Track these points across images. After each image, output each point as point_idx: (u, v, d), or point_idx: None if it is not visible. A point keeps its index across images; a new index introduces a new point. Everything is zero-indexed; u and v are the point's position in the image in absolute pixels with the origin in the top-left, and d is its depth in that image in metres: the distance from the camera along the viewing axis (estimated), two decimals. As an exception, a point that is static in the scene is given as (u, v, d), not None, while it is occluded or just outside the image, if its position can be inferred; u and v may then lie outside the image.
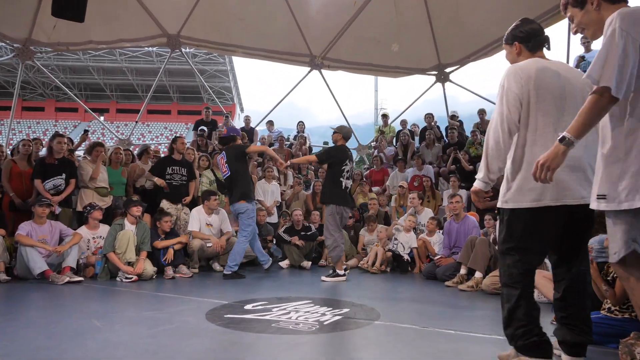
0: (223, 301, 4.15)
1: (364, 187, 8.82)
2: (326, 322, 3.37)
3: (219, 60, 42.07)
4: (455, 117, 10.86)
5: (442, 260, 5.90)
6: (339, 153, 5.89)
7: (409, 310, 3.99)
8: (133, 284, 5.27)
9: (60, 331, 3.11)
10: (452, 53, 11.04)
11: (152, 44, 11.45)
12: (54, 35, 9.97)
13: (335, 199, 5.71)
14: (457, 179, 7.95)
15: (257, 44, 11.27)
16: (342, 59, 11.57)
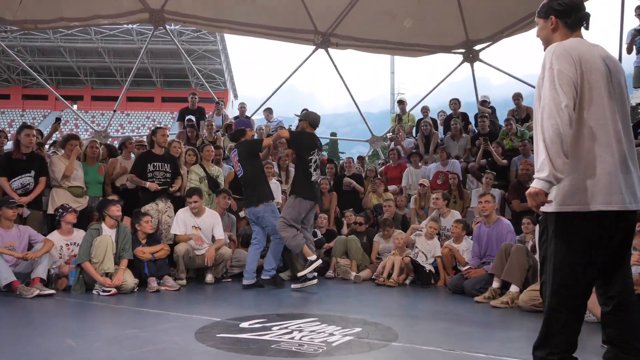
0: (215, 318, 4.16)
1: (378, 185, 8.76)
2: (335, 343, 3.36)
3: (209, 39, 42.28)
4: (486, 103, 10.79)
5: (471, 271, 5.87)
6: (307, 139, 6.15)
7: (431, 330, 3.97)
8: (112, 298, 5.28)
9: (30, 352, 3.14)
10: (482, 28, 10.95)
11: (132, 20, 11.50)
12: (21, 12, 10.05)
13: (301, 191, 5.94)
14: (492, 175, 7.88)
15: (253, 20, 11.27)
16: (353, 36, 11.55)
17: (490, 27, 10.90)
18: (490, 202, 6.04)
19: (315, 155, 6.02)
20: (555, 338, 2.23)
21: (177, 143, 7.60)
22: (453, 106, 10.48)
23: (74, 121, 45.27)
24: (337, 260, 7.29)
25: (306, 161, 5.96)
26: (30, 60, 42.83)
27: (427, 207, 7.95)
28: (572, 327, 2.23)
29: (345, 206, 8.47)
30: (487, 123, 9.51)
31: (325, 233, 7.69)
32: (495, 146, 8.58)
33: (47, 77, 46.47)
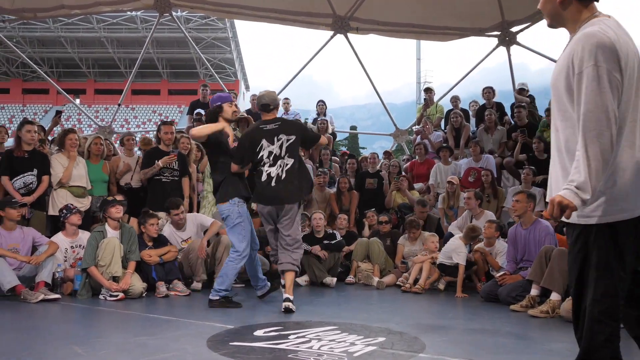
0: (228, 325, 4.21)
1: (402, 183, 8.67)
2: (356, 353, 3.37)
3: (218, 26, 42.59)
4: (524, 91, 10.66)
5: (506, 277, 5.83)
6: (248, 131, 5.59)
7: (462, 341, 3.96)
8: (119, 303, 5.39)
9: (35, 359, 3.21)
10: (519, 7, 10.71)
11: (136, 7, 11.64)
12: (19, 1, 10.26)
13: (255, 196, 5.37)
14: (532, 172, 7.82)
15: (265, 4, 11.29)
16: (375, 19, 11.48)
17: (529, 6, 10.64)
18: (521, 201, 5.91)
19: (267, 148, 5.15)
20: (599, 352, 2.21)
21: (186, 139, 7.69)
22: (487, 95, 10.37)
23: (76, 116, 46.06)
24: (358, 264, 7.30)
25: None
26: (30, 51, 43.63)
27: (457, 206, 7.91)
28: (616, 339, 2.20)
29: (366, 206, 8.47)
30: (524, 113, 9.40)
31: (345, 235, 7.70)
32: (536, 141, 8.47)
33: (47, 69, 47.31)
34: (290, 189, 5.09)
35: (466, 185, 8.16)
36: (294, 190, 5.12)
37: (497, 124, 9.64)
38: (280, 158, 5.11)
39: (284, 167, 5.09)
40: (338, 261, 7.32)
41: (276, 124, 5.22)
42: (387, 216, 7.86)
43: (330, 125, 11.17)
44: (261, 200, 5.22)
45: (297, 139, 5.18)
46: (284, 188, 5.07)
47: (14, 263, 5.61)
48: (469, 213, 7.25)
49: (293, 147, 5.16)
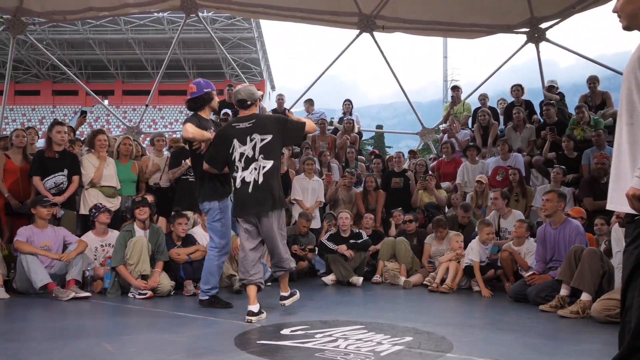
0: (255, 324, 4.26)
1: (429, 182, 8.59)
2: (383, 352, 3.38)
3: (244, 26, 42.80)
4: (553, 89, 10.50)
5: (535, 277, 5.76)
6: (221, 129, 5.06)
7: (491, 341, 3.93)
8: (148, 301, 5.50)
9: (67, 355, 3.31)
10: (549, 3, 10.57)
11: (163, 8, 11.80)
12: (48, 3, 10.50)
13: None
14: (562, 171, 7.71)
15: (291, 3, 11.32)
16: (401, 17, 11.42)
17: (559, 2, 10.49)
18: (552, 201, 5.82)
19: (238, 149, 4.65)
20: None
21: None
22: (515, 93, 10.23)
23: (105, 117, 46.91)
24: (384, 263, 7.29)
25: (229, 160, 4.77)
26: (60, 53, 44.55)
27: (485, 205, 7.84)
28: None
29: (393, 205, 8.44)
30: (554, 111, 9.25)
31: (371, 234, 7.69)
32: (565, 139, 8.33)
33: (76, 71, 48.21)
34: (271, 193, 4.56)
35: (494, 184, 8.06)
36: (275, 195, 4.57)
37: (526, 122, 9.49)
38: (254, 160, 4.58)
39: (260, 170, 4.57)
40: (364, 260, 7.32)
41: (250, 122, 4.66)
42: (413, 215, 7.83)
43: (357, 124, 11.16)
44: (239, 211, 4.68)
45: (274, 138, 4.63)
46: (262, 193, 4.54)
47: (45, 261, 5.76)
48: (497, 213, 7.18)
49: (269, 148, 4.61)
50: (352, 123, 10.77)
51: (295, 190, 8.27)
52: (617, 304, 4.52)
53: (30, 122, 43.44)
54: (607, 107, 9.43)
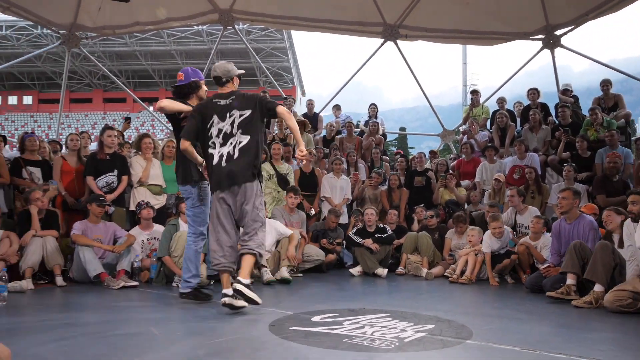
0: (288, 312, 4.29)
1: (449, 180, 8.58)
2: (407, 339, 3.37)
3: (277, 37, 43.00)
4: (568, 92, 10.31)
5: (550, 269, 5.67)
6: (200, 104, 4.63)
7: (508, 329, 3.88)
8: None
9: (119, 339, 3.39)
10: (564, 10, 10.37)
11: (203, 21, 11.92)
12: (99, 19, 10.74)
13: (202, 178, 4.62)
14: (573, 168, 7.58)
15: (320, 15, 11.34)
16: (423, 27, 11.34)
17: (573, 9, 10.26)
18: (567, 198, 5.74)
19: (217, 125, 4.32)
20: None
21: None
22: (531, 96, 10.07)
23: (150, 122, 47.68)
24: (407, 256, 7.28)
25: (206, 136, 4.37)
26: (109, 65, 45.47)
27: (503, 202, 7.74)
28: None
29: (415, 202, 8.41)
30: (568, 113, 9.09)
31: (395, 229, 7.69)
32: (579, 140, 8.20)
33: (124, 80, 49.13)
34: (243, 166, 4.21)
35: (511, 182, 7.97)
36: (248, 166, 4.23)
37: (542, 124, 9.35)
38: (232, 136, 4.27)
39: (236, 144, 4.25)
40: (389, 253, 7.31)
41: (230, 99, 4.36)
42: (434, 212, 7.82)
43: (381, 126, 11.15)
44: (214, 184, 4.33)
45: (253, 113, 4.29)
46: (236, 166, 4.20)
47: (98, 252, 5.93)
48: (514, 209, 7.10)
49: (248, 123, 4.29)
50: (377, 125, 10.76)
51: (324, 188, 8.30)
52: (628, 294, 4.45)
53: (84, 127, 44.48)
54: (619, 109, 9.24)
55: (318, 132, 10.97)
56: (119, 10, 10.13)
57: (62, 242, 6.27)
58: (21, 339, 3.34)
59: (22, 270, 5.73)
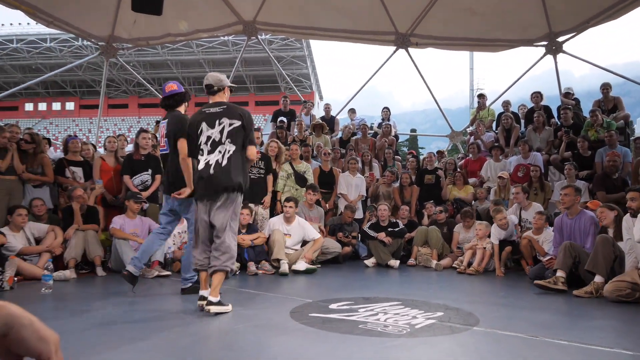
0: (307, 299, 4.32)
1: (457, 178, 8.55)
2: (418, 325, 3.37)
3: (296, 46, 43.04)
4: (569, 95, 10.14)
5: (552, 261, 5.59)
6: (192, 115, 4.32)
7: (513, 317, 3.85)
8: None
9: (154, 323, 3.46)
10: (566, 18, 10.20)
11: (229, 32, 11.96)
12: (134, 31, 10.87)
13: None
14: (574, 167, 7.48)
15: (336, 25, 11.32)
16: (432, 35, 11.26)
17: (574, 17, 10.10)
18: (569, 195, 5.67)
19: (206, 132, 4.00)
20: None
21: (275, 143, 7.87)
22: (535, 99, 9.94)
23: (180, 125, 48.07)
24: (418, 249, 7.25)
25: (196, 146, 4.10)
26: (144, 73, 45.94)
27: (507, 198, 7.68)
28: None
29: (425, 198, 8.37)
30: (570, 115, 8.96)
31: (406, 223, 7.66)
32: (580, 140, 8.09)
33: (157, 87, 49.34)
34: (231, 175, 3.90)
35: (516, 180, 7.89)
36: (236, 176, 3.92)
37: (545, 125, 9.23)
38: (220, 144, 3.95)
39: (224, 153, 3.94)
40: (401, 246, 7.29)
41: (220, 108, 4.07)
42: (443, 207, 7.78)
43: (393, 128, 11.09)
44: (199, 191, 4.01)
45: (241, 125, 3.99)
46: (223, 174, 3.89)
47: (134, 245, 6.02)
48: (518, 205, 7.02)
49: (236, 134, 3.98)
50: (390, 127, 10.71)
51: (340, 186, 8.31)
52: (627, 285, 4.38)
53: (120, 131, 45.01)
54: (618, 111, 9.08)
55: (335, 133, 10.97)
56: (152, 23, 10.24)
57: (102, 235, 6.39)
58: (66, 324, 3.42)
59: (66, 261, 5.87)
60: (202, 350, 2.79)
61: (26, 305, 0.78)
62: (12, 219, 5.76)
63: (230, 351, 2.77)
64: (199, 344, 2.92)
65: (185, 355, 2.71)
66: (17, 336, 0.78)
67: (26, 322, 0.80)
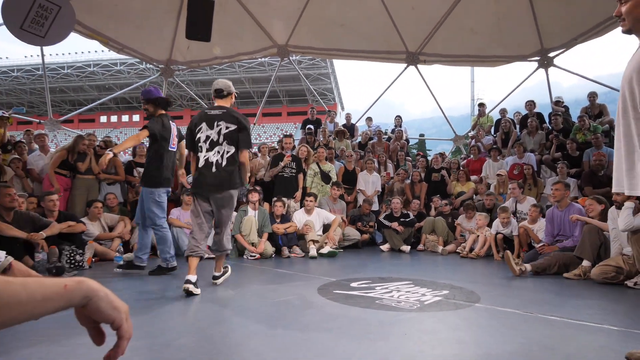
0: (332, 278, 4.31)
1: (460, 176, 8.44)
2: (427, 302, 3.33)
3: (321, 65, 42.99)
4: (559, 103, 9.83)
5: (545, 247, 5.44)
6: (195, 115, 4.18)
7: (510, 295, 3.76)
8: (256, 261, 5.70)
9: (204, 299, 3.49)
10: (556, 36, 9.91)
11: (265, 54, 12.03)
12: (188, 55, 11.05)
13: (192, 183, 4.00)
14: (565, 165, 7.27)
15: (356, 46, 11.27)
16: (438, 53, 11.09)
17: (564, 35, 9.82)
18: (559, 190, 5.51)
19: (205, 132, 3.84)
20: None
21: (305, 147, 7.90)
22: (529, 107, 9.68)
23: (225, 132, 48.60)
24: (426, 236, 7.16)
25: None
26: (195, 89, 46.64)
27: (505, 192, 7.51)
28: None
29: (433, 193, 8.27)
30: (560, 120, 8.72)
31: (416, 215, 7.59)
32: (569, 142, 7.86)
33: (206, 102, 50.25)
34: (229, 174, 3.77)
35: (512, 177, 7.72)
36: (233, 175, 3.80)
37: (538, 129, 8.99)
38: (218, 144, 3.78)
39: (223, 154, 3.77)
40: (411, 234, 7.21)
41: (220, 111, 3.86)
42: (448, 201, 7.69)
43: (405, 133, 11.01)
44: (200, 187, 3.82)
45: (237, 129, 3.79)
46: (223, 173, 3.75)
47: (188, 232, 6.07)
48: (514, 199, 6.85)
49: (232, 136, 3.78)
50: (402, 133, 10.63)
51: (359, 183, 8.28)
52: (612, 269, 4.23)
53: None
54: (603, 116, 8.77)
55: (355, 138, 10.94)
56: (202, 48, 10.39)
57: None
58: (133, 298, 3.49)
59: (133, 245, 6.00)
60: (245, 320, 2.82)
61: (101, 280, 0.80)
62: (90, 210, 5.92)
63: (269, 320, 2.78)
64: (242, 314, 2.95)
65: (232, 323, 2.74)
66: (95, 306, 0.80)
67: (102, 295, 0.81)
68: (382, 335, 2.47)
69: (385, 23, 10.43)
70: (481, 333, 2.59)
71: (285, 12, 10.51)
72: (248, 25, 10.55)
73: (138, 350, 2.16)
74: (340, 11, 10.35)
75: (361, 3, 10.08)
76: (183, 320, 2.88)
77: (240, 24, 10.47)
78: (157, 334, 2.46)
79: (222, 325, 2.74)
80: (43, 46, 7.60)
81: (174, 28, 10.20)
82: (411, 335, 2.49)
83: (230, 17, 10.01)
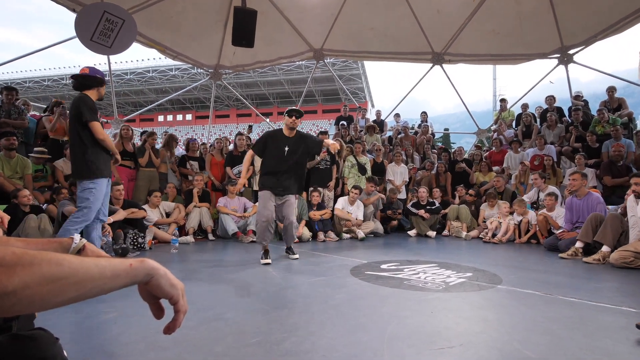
0: (363, 261, 4.30)
1: (482, 166, 8.18)
2: (451, 283, 3.27)
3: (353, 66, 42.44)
4: (579, 97, 9.30)
5: (564, 233, 5.21)
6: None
7: (530, 278, 3.61)
8: (295, 245, 5.71)
9: (248, 278, 3.57)
10: (576, 34, 9.32)
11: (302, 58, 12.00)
12: (234, 60, 11.20)
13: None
14: (583, 156, 6.90)
15: (385, 48, 11.05)
16: (462, 53, 10.70)
17: (584, 33, 9.22)
18: (577, 180, 5.24)
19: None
20: None
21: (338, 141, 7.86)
22: (549, 101, 9.22)
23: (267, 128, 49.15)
24: (451, 222, 7.00)
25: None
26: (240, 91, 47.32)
27: (526, 183, 7.22)
28: None
29: (457, 183, 8.07)
30: (580, 114, 8.25)
31: (441, 202, 7.43)
32: (589, 134, 7.43)
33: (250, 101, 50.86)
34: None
35: (532, 168, 7.40)
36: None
37: (557, 122, 8.56)
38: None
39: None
40: (437, 220, 7.07)
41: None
42: (472, 190, 7.46)
43: (430, 128, 10.75)
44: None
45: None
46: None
47: (234, 218, 6.25)
48: (537, 189, 6.58)
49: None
50: (427, 127, 10.38)
51: (388, 174, 8.18)
52: (631, 254, 4.01)
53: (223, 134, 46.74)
54: (622, 109, 8.22)
55: (384, 133, 10.79)
56: (246, 54, 10.51)
57: (212, 211, 6.70)
58: (187, 276, 3.62)
59: (187, 229, 6.21)
60: (283, 297, 2.87)
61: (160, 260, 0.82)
62: (150, 199, 6.16)
63: (307, 298, 2.82)
64: (282, 292, 3.00)
65: (269, 300, 2.80)
66: (155, 283, 0.82)
67: (162, 273, 0.83)
68: (411, 313, 2.46)
69: (412, 26, 10.16)
70: (503, 312, 2.52)
71: (320, 19, 10.43)
72: (287, 31, 10.55)
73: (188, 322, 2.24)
74: (371, 16, 10.16)
75: (390, 8, 9.85)
76: (233, 295, 2.96)
77: (280, 31, 10.49)
78: (207, 309, 2.55)
79: (265, 302, 2.80)
80: (109, 55, 7.88)
81: (222, 36, 10.34)
82: (437, 313, 2.45)
83: (271, 25, 10.04)
